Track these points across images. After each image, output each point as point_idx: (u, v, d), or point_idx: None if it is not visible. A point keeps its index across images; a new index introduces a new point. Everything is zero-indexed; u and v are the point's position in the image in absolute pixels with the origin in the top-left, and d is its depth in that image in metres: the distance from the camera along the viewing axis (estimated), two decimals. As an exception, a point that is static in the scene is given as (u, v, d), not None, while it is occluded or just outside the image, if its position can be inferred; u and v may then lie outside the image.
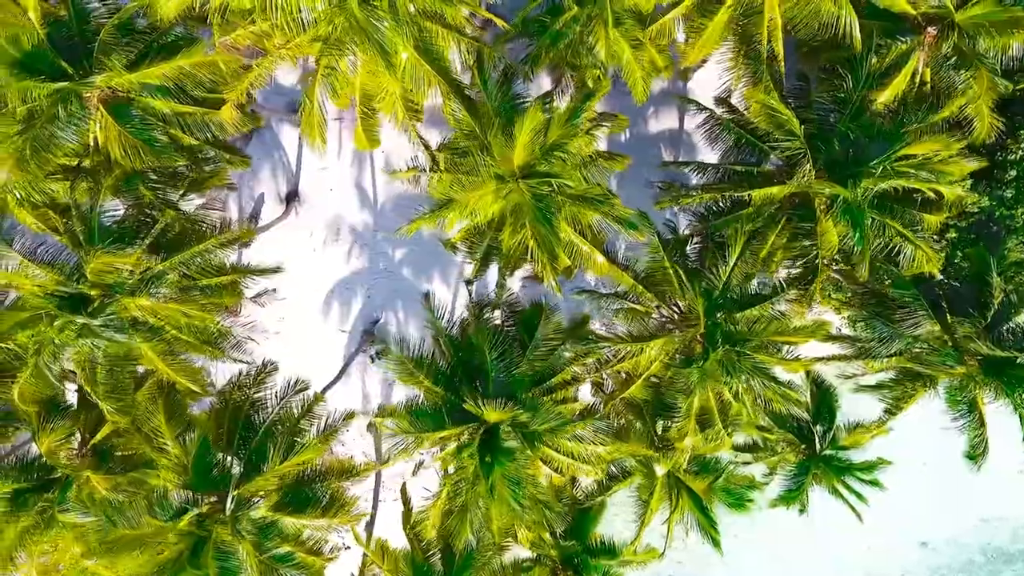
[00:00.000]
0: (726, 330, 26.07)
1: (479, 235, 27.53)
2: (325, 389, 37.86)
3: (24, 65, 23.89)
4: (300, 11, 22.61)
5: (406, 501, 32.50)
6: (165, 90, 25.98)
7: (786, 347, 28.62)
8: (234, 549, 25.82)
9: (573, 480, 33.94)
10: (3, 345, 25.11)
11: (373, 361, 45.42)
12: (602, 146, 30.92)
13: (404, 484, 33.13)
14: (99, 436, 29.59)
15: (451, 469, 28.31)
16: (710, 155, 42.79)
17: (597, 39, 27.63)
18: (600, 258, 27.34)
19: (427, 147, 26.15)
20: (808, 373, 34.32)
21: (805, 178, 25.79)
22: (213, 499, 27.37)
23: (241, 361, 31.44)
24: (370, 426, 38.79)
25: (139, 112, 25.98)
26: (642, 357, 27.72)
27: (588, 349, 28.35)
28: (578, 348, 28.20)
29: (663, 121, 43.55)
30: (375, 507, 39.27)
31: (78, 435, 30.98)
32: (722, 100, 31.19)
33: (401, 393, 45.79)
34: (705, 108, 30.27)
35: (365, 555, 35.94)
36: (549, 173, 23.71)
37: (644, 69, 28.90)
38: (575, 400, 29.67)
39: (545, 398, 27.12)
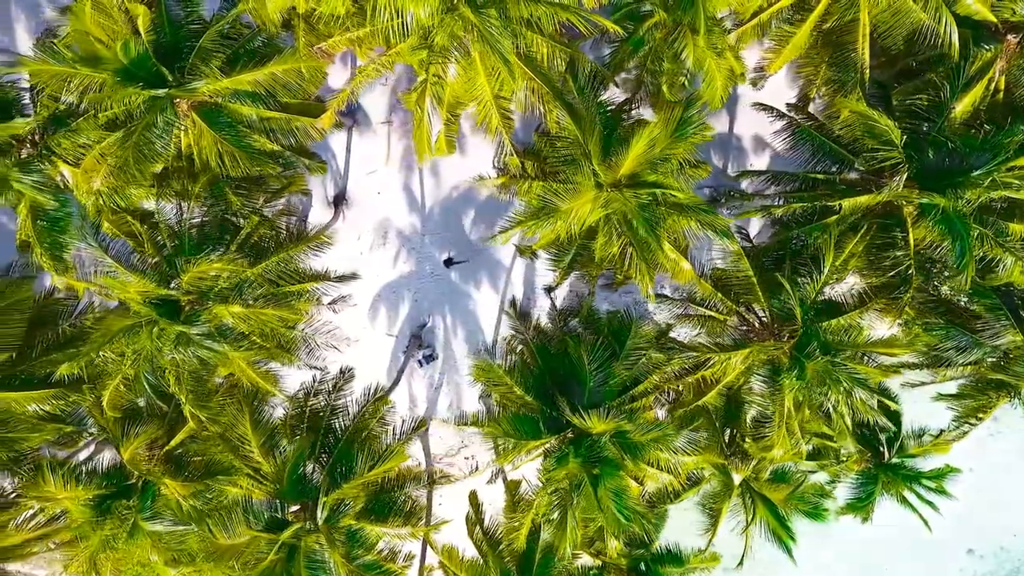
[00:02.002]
0: (823, 340, 25.90)
1: (567, 243, 27.32)
2: (386, 394, 37.68)
3: (128, 72, 23.69)
4: (406, 17, 22.43)
5: (476, 507, 32.36)
6: (255, 96, 25.79)
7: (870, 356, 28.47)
8: (325, 558, 25.66)
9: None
10: (103, 354, 24.79)
11: (421, 365, 45.30)
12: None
13: (474, 492, 32.97)
14: (174, 442, 29.35)
15: (530, 481, 28.28)
16: (759, 161, 42.82)
17: (684, 46, 27.47)
18: (687, 266, 27.19)
19: (518, 153, 25.95)
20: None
21: (899, 187, 25.63)
22: (295, 507, 27.27)
23: (315, 367, 31.32)
24: (418, 430, 38.63)
25: (229, 118, 25.78)
26: (727, 366, 27.57)
27: (671, 357, 28.19)
28: (660, 356, 28.00)
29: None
30: (429, 514, 39.13)
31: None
32: (797, 107, 31.07)
33: (446, 398, 46.11)
34: (785, 115, 30.13)
35: (422, 563, 35.76)
36: (658, 183, 23.58)
37: (723, 76, 28.75)
38: (651, 409, 29.52)
39: (629, 407, 26.98)
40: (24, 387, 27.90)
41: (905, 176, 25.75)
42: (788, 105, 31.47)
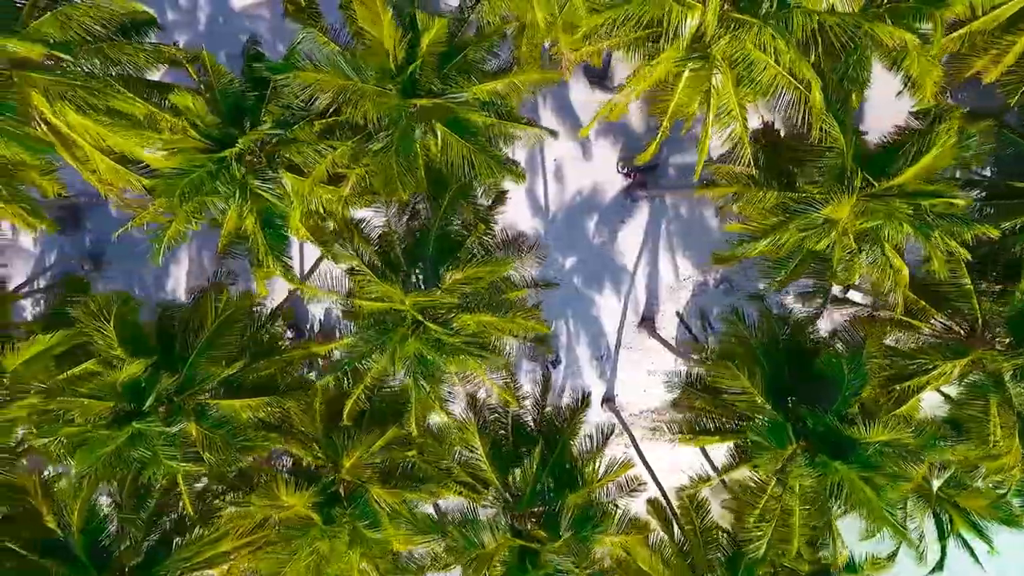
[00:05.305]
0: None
1: (792, 253, 27.30)
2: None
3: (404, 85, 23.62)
4: (684, 26, 22.47)
5: (661, 515, 32.36)
6: (491, 105, 25.71)
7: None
8: (562, 568, 25.68)
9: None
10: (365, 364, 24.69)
11: (548, 371, 45.20)
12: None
13: (657, 499, 32.91)
14: (376, 446, 29.09)
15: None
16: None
17: (905, 55, 27.49)
18: (905, 272, 27.28)
19: (753, 163, 25.98)
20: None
21: None
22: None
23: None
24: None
25: (467, 127, 25.67)
26: (948, 374, 27.73)
27: (883, 365, 28.31)
28: (879, 362, 28.05)
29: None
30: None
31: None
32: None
33: (569, 403, 46.06)
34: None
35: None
36: (939, 192, 23.67)
37: (932, 85, 28.79)
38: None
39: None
40: (238, 394, 27.78)
41: None
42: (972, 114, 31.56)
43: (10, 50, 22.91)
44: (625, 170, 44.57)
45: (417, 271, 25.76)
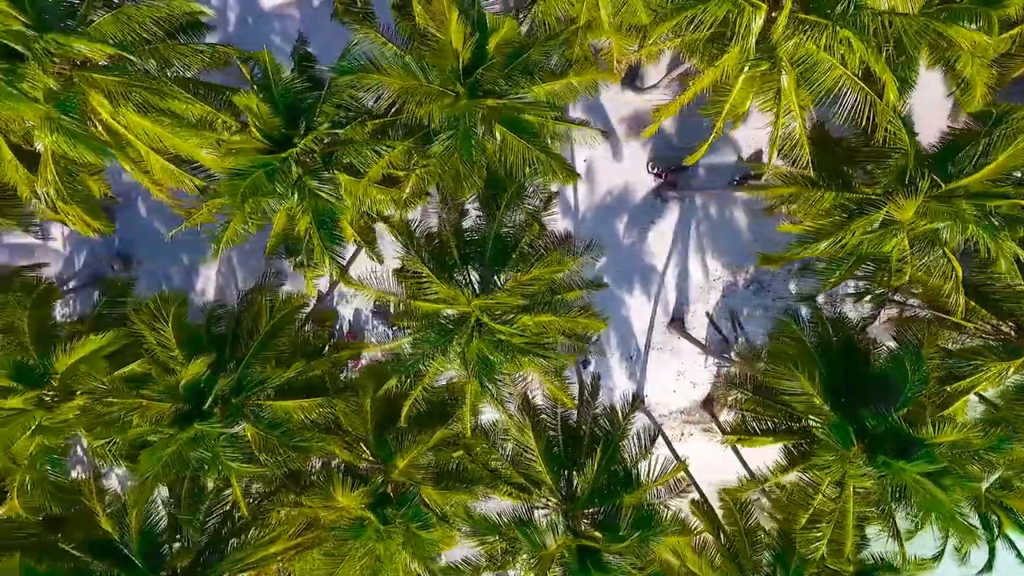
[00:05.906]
0: None
1: (846, 254, 27.27)
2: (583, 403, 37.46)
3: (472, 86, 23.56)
4: (752, 28, 22.43)
5: (704, 516, 32.32)
6: (551, 105, 25.62)
7: None
8: (625, 570, 25.66)
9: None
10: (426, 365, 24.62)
11: (584, 368, 45.18)
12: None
13: (698, 501, 32.79)
14: (428, 445, 28.99)
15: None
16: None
17: (957, 57, 27.56)
18: (960, 273, 27.21)
19: (810, 165, 25.95)
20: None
21: None
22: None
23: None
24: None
25: (523, 127, 25.56)
26: (996, 375, 27.74)
27: (937, 364, 28.26)
28: (935, 362, 28.04)
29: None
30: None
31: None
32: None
33: (604, 398, 46.01)
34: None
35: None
36: (1006, 194, 23.64)
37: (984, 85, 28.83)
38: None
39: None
40: (288, 395, 27.65)
41: None
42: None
43: (76, 51, 22.74)
44: (655, 170, 44.55)
45: (473, 272, 25.65)
